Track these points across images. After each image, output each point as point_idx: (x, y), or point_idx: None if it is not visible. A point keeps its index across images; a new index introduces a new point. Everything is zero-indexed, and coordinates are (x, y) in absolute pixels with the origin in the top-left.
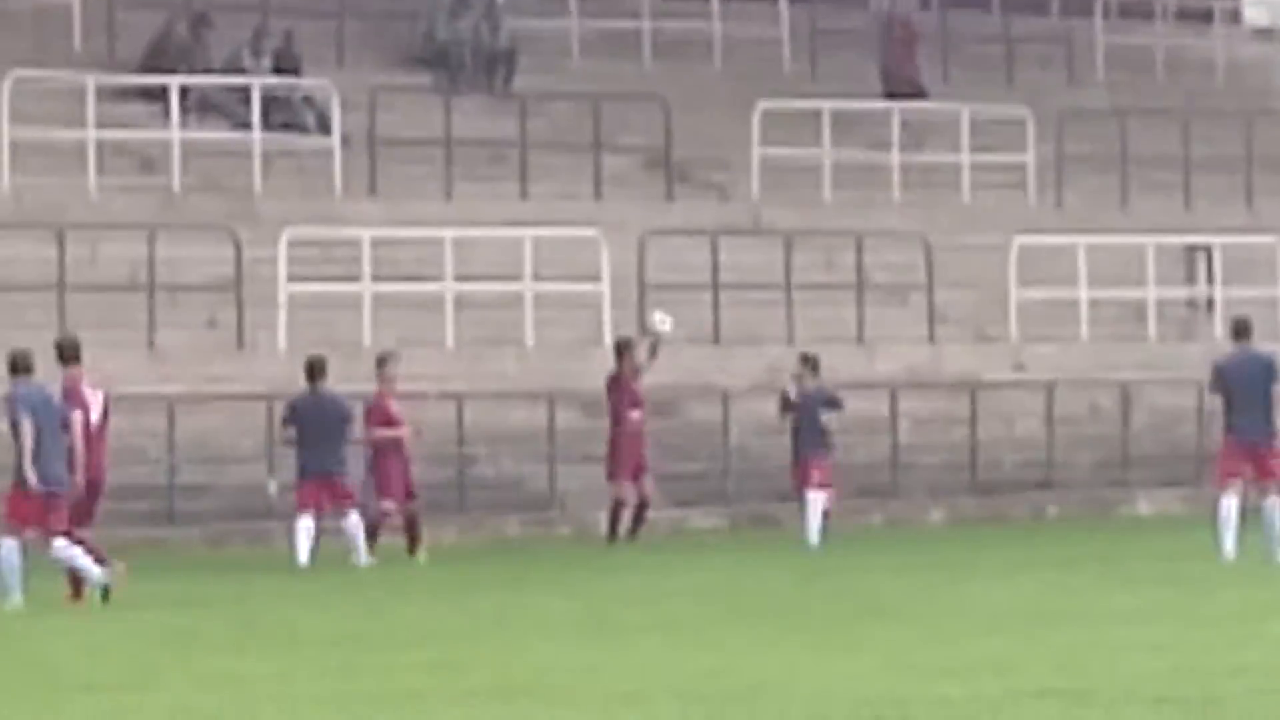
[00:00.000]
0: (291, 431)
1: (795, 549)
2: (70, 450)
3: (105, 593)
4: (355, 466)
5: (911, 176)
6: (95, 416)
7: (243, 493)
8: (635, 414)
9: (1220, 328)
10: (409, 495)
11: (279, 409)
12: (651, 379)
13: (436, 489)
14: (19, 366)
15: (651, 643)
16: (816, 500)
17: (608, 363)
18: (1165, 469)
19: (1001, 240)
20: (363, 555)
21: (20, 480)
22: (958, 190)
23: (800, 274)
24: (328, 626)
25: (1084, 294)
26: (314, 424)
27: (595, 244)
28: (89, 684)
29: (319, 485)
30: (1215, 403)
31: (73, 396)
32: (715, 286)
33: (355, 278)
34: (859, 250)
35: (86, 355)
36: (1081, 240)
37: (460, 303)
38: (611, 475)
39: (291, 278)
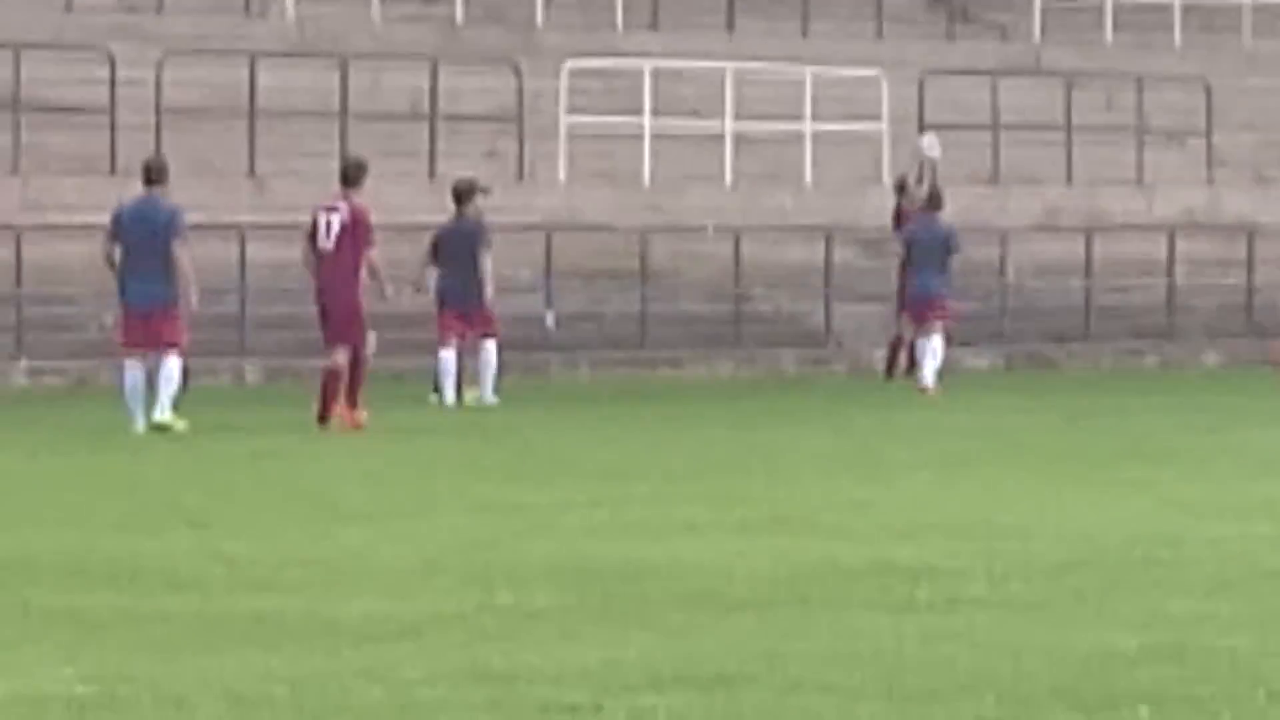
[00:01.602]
0: (432, 271)
1: (1072, 388)
2: (172, 266)
3: (158, 426)
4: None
5: (1193, 18)
6: (322, 242)
7: (519, 323)
8: None
9: None
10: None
11: (558, 241)
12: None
13: (713, 323)
14: (147, 178)
15: (923, 480)
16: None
17: (887, 201)
18: None
19: None
20: (489, 392)
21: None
22: (1239, 33)
23: (1080, 115)
24: (603, 457)
25: None
26: (452, 252)
27: (876, 82)
28: (364, 511)
29: (458, 315)
30: None
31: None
32: (995, 126)
33: (635, 111)
34: (1139, 92)
35: (369, 183)
36: None
37: (739, 139)
38: (901, 309)
39: (572, 110)
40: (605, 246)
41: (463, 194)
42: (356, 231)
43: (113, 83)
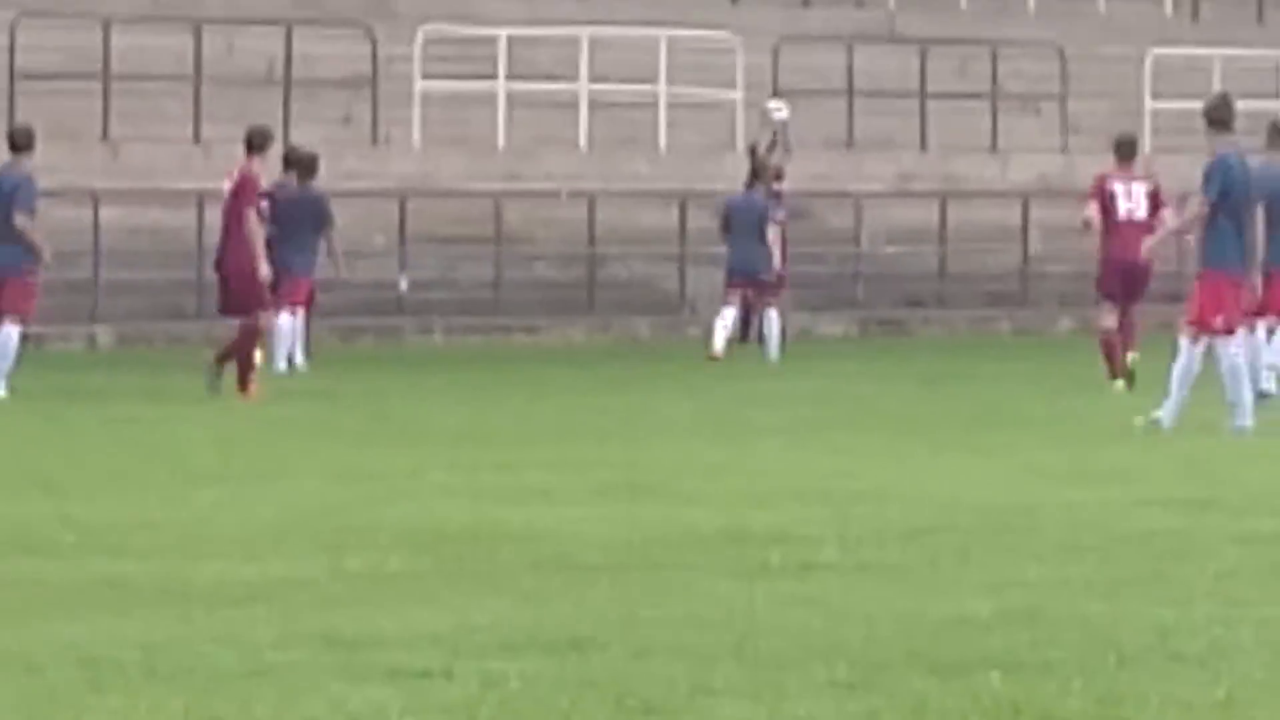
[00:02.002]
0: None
1: (926, 354)
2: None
3: None
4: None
5: None
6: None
7: (374, 288)
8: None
9: None
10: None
11: (412, 206)
12: (783, 184)
13: (567, 289)
14: (11, 144)
15: (777, 445)
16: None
17: (741, 167)
18: None
19: (1136, 51)
20: (281, 362)
21: None
22: (1093, 0)
23: (934, 82)
24: (457, 423)
25: None
26: (296, 220)
27: (731, 48)
28: (217, 475)
29: (296, 283)
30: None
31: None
32: (850, 92)
33: (490, 75)
34: (994, 59)
35: (223, 149)
36: (1217, 52)
37: (594, 103)
38: None
39: (426, 75)
40: (460, 211)
41: (310, 165)
42: (242, 195)
43: None
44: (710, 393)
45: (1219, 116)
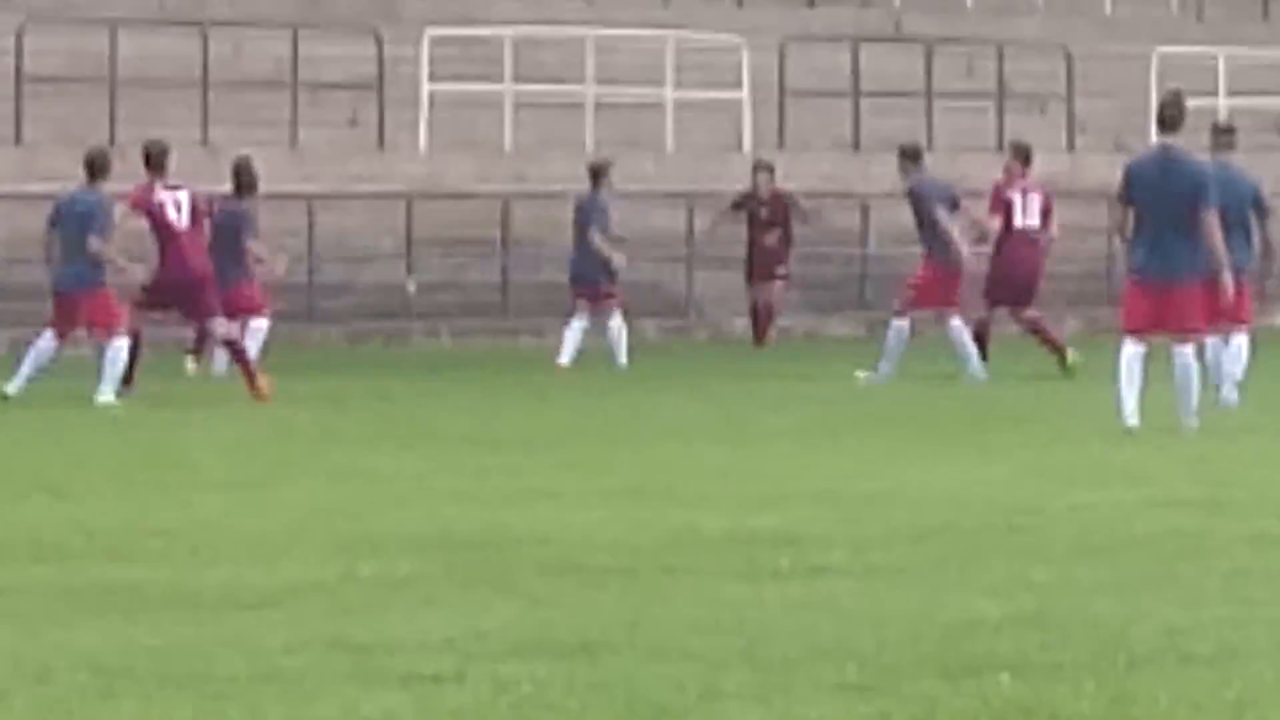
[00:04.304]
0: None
1: (933, 355)
2: (86, 250)
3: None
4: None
5: None
6: (175, 216)
7: (381, 291)
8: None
9: None
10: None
11: (419, 209)
12: (791, 184)
13: None
14: (92, 170)
15: (785, 447)
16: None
17: (747, 168)
18: None
19: (1142, 50)
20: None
21: None
22: None
23: (940, 81)
24: (464, 426)
25: (1223, 104)
26: (222, 235)
27: (736, 49)
28: (225, 481)
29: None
30: None
31: (139, 202)
32: (856, 93)
33: (497, 78)
34: (1000, 58)
35: (230, 151)
36: (1222, 50)
37: (600, 105)
38: (749, 277)
39: (433, 77)
40: (467, 214)
41: (253, 177)
42: (194, 208)
43: None
44: (717, 395)
45: (1163, 115)
